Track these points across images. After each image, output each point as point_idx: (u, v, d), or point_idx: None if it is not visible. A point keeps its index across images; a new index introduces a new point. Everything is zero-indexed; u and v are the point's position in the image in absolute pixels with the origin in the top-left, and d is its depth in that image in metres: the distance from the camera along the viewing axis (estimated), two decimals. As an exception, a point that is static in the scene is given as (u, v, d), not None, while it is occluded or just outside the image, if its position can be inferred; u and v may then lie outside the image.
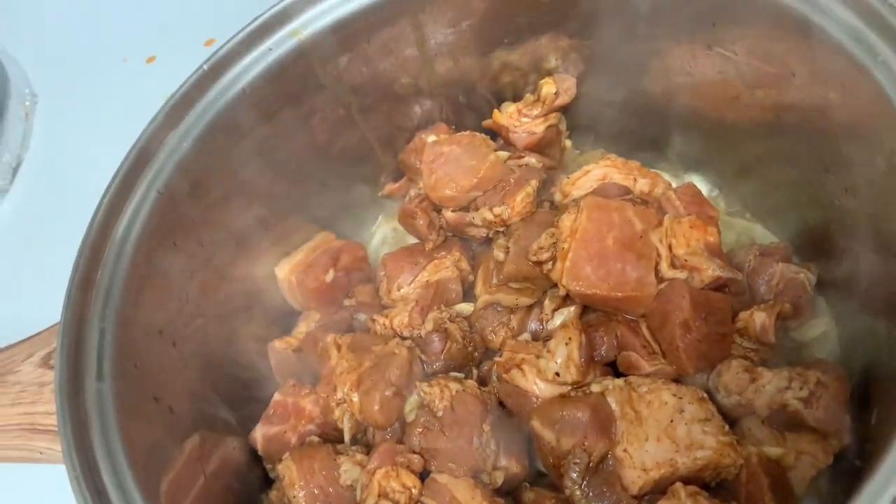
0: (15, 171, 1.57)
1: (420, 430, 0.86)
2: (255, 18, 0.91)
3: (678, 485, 0.75)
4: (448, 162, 0.99)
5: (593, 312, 0.90)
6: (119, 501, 0.65)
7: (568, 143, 1.12)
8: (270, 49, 0.92)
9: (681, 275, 0.85)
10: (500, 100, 1.11)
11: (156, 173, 0.86)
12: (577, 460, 0.79)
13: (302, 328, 1.03)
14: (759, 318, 0.86)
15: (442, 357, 0.92)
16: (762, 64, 0.82)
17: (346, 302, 1.04)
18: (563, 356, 0.84)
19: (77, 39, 1.74)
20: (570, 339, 0.84)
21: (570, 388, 0.84)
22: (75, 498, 0.66)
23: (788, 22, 0.74)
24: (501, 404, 0.88)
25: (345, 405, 0.91)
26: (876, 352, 0.80)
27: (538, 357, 0.85)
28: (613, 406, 0.80)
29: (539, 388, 0.84)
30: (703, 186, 1.03)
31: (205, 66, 0.89)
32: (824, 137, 0.83)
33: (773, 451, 0.81)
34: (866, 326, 0.82)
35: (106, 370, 0.74)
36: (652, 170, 1.02)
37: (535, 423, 0.82)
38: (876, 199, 0.77)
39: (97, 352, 0.76)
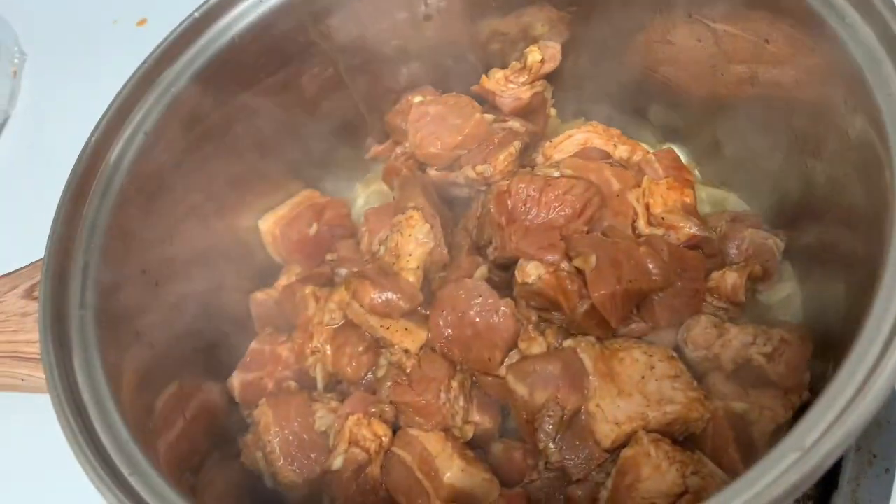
0: (1, 127, 1.57)
1: (389, 384, 0.87)
2: (247, -29, 0.92)
3: (641, 433, 0.78)
4: (434, 121, 1.01)
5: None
6: (98, 418, 0.67)
7: (553, 110, 1.14)
8: (260, 1, 0.93)
9: (658, 231, 0.88)
10: (487, 66, 1.12)
11: (144, 115, 0.87)
12: (551, 413, 0.81)
13: (283, 280, 1.04)
14: (730, 278, 0.89)
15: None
16: (738, 31, 0.85)
17: (328, 256, 1.06)
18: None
19: (67, 0, 1.74)
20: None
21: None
22: (57, 418, 0.67)
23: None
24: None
25: (318, 355, 0.93)
26: (834, 315, 0.83)
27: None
28: (587, 362, 0.82)
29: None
30: (680, 155, 1.05)
31: (196, 14, 0.90)
32: (795, 109, 0.85)
33: (738, 405, 0.84)
34: (827, 290, 0.85)
35: (89, 300, 0.76)
36: (632, 138, 1.05)
37: (509, 378, 0.84)
38: (839, 171, 0.79)
39: (80, 283, 0.77)
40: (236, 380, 0.96)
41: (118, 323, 0.78)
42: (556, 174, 0.87)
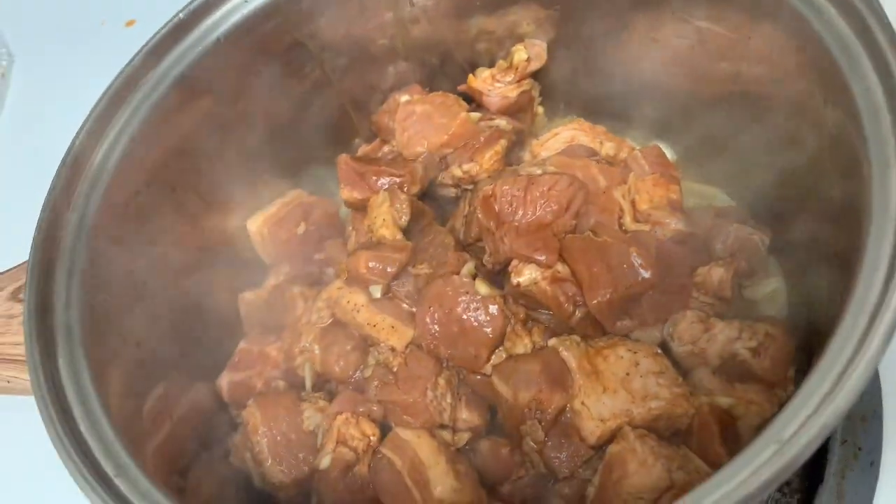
0: (-11, 128, 1.57)
1: (376, 383, 0.87)
2: (232, -29, 0.92)
3: (626, 428, 0.78)
4: (420, 120, 1.02)
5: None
6: (84, 420, 0.67)
7: (540, 109, 1.14)
8: (245, 1, 0.93)
9: (644, 227, 0.88)
10: (474, 66, 1.13)
11: (129, 117, 0.87)
12: (536, 414, 0.81)
13: (271, 280, 1.04)
14: (716, 274, 0.89)
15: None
16: (720, 28, 0.85)
17: (316, 256, 1.06)
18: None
19: (55, 1, 1.73)
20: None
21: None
22: (42, 420, 0.67)
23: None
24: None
25: (306, 354, 0.93)
26: (818, 309, 0.84)
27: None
28: (570, 361, 0.82)
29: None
30: (667, 152, 1.06)
31: (181, 15, 0.90)
32: (777, 105, 0.86)
33: (724, 400, 0.84)
34: (811, 285, 0.86)
35: (74, 302, 0.76)
36: (618, 136, 1.06)
37: (494, 378, 0.85)
38: (820, 165, 0.80)
39: (66, 285, 0.77)
40: (225, 380, 0.96)
41: (104, 324, 0.78)
42: (539, 172, 0.87)
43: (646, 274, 0.82)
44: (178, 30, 0.90)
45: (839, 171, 0.73)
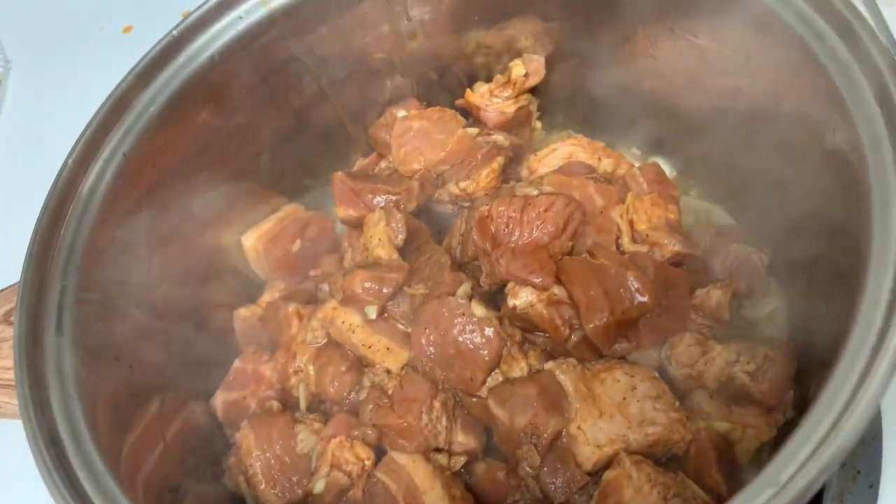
0: (-16, 136, 1.56)
1: (371, 406, 0.86)
2: (227, -13, 0.91)
3: (623, 454, 0.77)
4: (417, 136, 1.01)
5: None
6: (74, 450, 0.66)
7: (538, 123, 1.13)
8: (241, 17, 0.92)
9: (642, 248, 0.87)
10: (472, 80, 1.12)
11: (122, 136, 0.86)
12: (531, 439, 0.80)
13: (266, 297, 1.04)
14: (715, 296, 0.88)
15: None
16: (720, 47, 0.84)
17: (312, 272, 1.05)
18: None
19: (53, 7, 1.73)
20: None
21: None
22: (30, 448, 0.66)
23: (743, 5, 0.77)
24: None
25: (301, 374, 0.92)
26: (819, 331, 0.83)
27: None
28: (567, 385, 0.81)
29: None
30: (665, 169, 1.05)
31: (174, 32, 0.90)
32: (777, 123, 0.85)
33: (721, 425, 0.83)
34: (812, 306, 0.85)
35: (66, 326, 0.75)
36: (617, 151, 1.05)
37: (490, 402, 0.84)
38: (820, 185, 0.79)
39: (57, 308, 0.76)
40: (219, 399, 0.95)
41: (96, 348, 0.78)
42: (535, 192, 0.87)
43: (643, 298, 0.81)
44: (171, 48, 0.89)
45: (839, 191, 0.73)
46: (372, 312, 0.87)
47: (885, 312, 0.53)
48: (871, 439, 0.92)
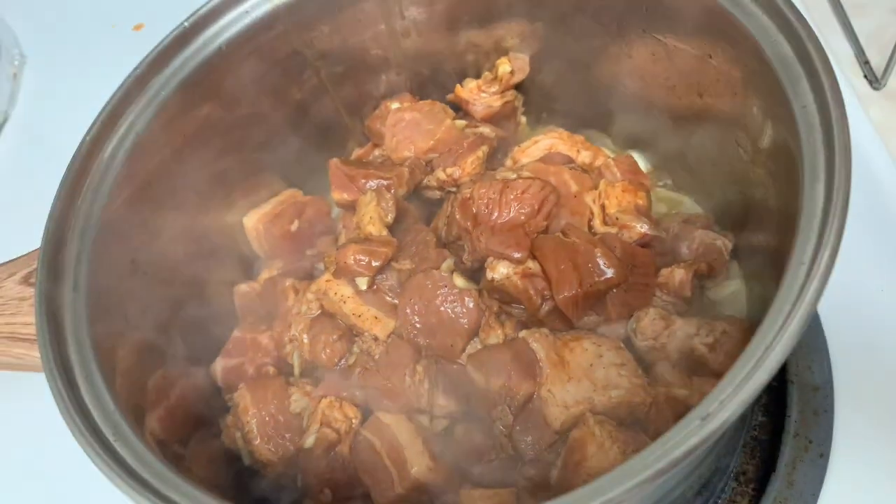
0: (1, 127, 1.64)
1: (359, 370, 0.93)
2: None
3: (588, 414, 0.84)
4: (409, 126, 1.08)
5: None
6: (88, 392, 0.73)
7: (523, 118, 1.21)
8: (247, 12, 1.00)
9: (612, 230, 0.95)
10: (462, 76, 1.19)
11: (135, 118, 0.93)
12: (505, 400, 0.87)
13: (265, 274, 1.10)
14: (678, 274, 0.95)
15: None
16: (685, 46, 0.92)
17: (308, 251, 1.12)
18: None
19: (67, 4, 1.81)
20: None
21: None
22: (51, 390, 0.73)
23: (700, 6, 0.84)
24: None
25: (295, 342, 0.99)
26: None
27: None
28: (539, 352, 0.88)
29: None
30: (641, 163, 1.12)
31: (185, 24, 0.97)
32: (735, 119, 0.91)
33: (680, 392, 0.90)
34: (765, 287, 0.92)
35: (81, 285, 0.82)
36: (597, 145, 1.13)
37: (468, 367, 0.91)
38: (769, 176, 0.86)
39: (73, 270, 0.83)
40: (219, 365, 1.02)
41: (107, 307, 0.84)
42: (514, 176, 0.94)
43: (609, 273, 0.88)
44: (182, 38, 0.96)
45: (783, 181, 0.80)
46: (363, 283, 0.95)
47: (807, 269, 0.61)
48: (822, 412, 0.99)
